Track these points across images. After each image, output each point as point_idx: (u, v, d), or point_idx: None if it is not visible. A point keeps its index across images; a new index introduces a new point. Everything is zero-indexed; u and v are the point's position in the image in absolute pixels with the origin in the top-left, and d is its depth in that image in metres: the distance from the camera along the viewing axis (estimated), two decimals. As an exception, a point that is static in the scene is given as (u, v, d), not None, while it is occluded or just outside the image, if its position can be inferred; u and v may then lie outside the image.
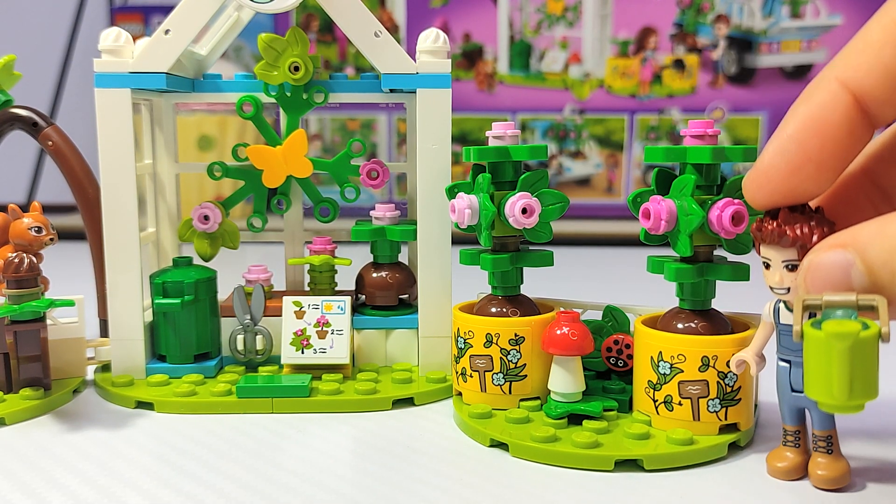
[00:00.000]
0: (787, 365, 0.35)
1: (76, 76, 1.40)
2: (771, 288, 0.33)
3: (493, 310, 0.43)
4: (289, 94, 0.49)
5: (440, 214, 0.47)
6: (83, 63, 1.39)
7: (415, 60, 0.47)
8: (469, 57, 1.31)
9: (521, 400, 0.42)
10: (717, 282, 0.40)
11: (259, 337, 0.48)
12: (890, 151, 0.31)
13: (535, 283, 0.48)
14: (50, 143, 0.51)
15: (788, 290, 0.32)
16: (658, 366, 0.38)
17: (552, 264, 0.44)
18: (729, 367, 0.37)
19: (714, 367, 0.37)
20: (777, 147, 0.28)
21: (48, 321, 0.46)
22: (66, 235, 0.61)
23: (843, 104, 0.25)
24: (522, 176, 0.42)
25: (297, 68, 0.48)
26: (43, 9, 1.48)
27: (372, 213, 0.50)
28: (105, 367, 0.50)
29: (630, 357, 0.43)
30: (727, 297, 0.44)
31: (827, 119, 0.26)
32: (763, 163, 0.29)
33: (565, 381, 0.40)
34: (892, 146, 0.31)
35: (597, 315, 0.46)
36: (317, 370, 0.47)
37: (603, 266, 0.97)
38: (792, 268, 0.32)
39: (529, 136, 1.29)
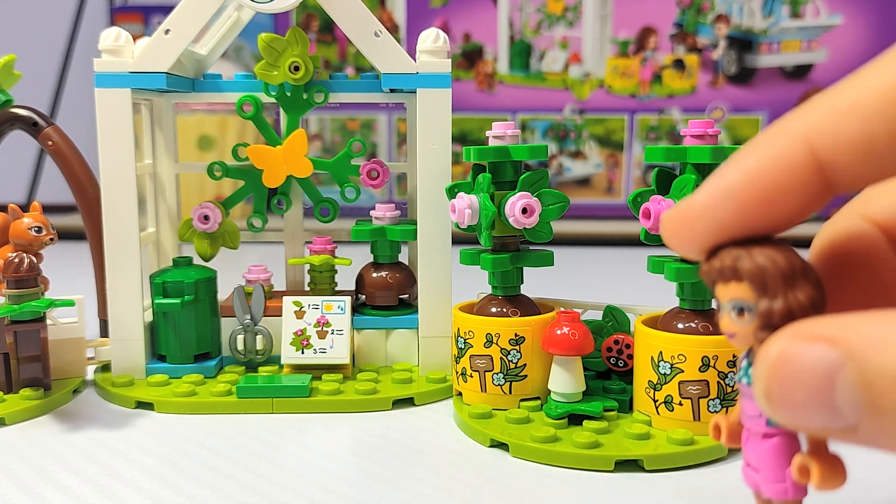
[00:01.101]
0: None
1: (76, 76, 1.40)
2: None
3: (494, 310, 0.43)
4: (289, 94, 0.49)
5: (440, 214, 0.47)
6: (83, 63, 1.39)
7: (415, 60, 0.47)
8: (469, 57, 1.31)
9: (522, 400, 0.42)
10: (718, 282, 0.40)
11: (259, 337, 0.48)
12: None
13: (535, 283, 0.48)
14: (50, 143, 0.51)
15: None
16: (658, 366, 0.38)
17: (552, 264, 0.44)
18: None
19: (714, 367, 0.37)
20: (722, 188, 0.22)
21: (48, 321, 0.46)
22: (66, 235, 0.61)
23: (805, 163, 0.21)
24: (522, 176, 0.42)
25: (297, 68, 0.48)
26: (43, 9, 1.48)
27: (372, 213, 0.50)
28: (105, 367, 0.50)
29: (630, 357, 0.43)
30: (727, 297, 0.44)
31: (784, 172, 0.21)
32: (697, 202, 0.22)
33: (565, 381, 0.40)
34: None
35: (597, 315, 0.46)
36: (317, 370, 0.47)
37: (603, 266, 0.97)
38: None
39: (529, 136, 1.29)
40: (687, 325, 0.39)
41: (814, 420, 0.18)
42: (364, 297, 0.51)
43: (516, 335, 0.41)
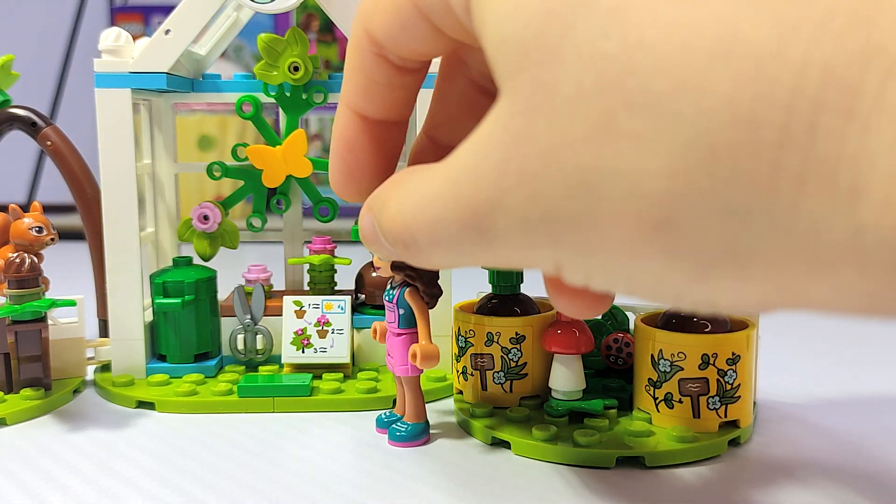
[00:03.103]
0: None
1: (76, 76, 1.40)
2: None
3: (494, 309, 0.43)
4: (288, 94, 0.49)
5: (440, 213, 0.47)
6: (83, 63, 1.39)
7: (414, 59, 0.47)
8: (469, 56, 1.31)
9: (522, 398, 0.42)
10: (717, 280, 0.40)
11: (259, 336, 0.48)
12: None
13: (535, 282, 0.47)
14: (49, 143, 0.51)
15: None
16: (658, 364, 0.38)
17: (552, 263, 0.44)
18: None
19: (714, 364, 0.37)
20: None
21: (48, 321, 0.46)
22: (66, 235, 0.61)
23: (366, 44, 0.26)
24: (522, 175, 0.42)
25: (296, 68, 0.48)
26: (43, 9, 1.48)
27: (372, 212, 0.50)
28: (105, 367, 0.50)
29: (629, 355, 0.43)
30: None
31: (355, 53, 0.27)
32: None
33: (566, 379, 0.40)
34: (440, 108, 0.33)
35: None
36: (317, 369, 0.47)
37: (603, 265, 0.96)
38: None
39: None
40: (686, 323, 0.39)
41: (384, 255, 0.27)
42: (364, 296, 0.51)
43: (517, 334, 0.41)
